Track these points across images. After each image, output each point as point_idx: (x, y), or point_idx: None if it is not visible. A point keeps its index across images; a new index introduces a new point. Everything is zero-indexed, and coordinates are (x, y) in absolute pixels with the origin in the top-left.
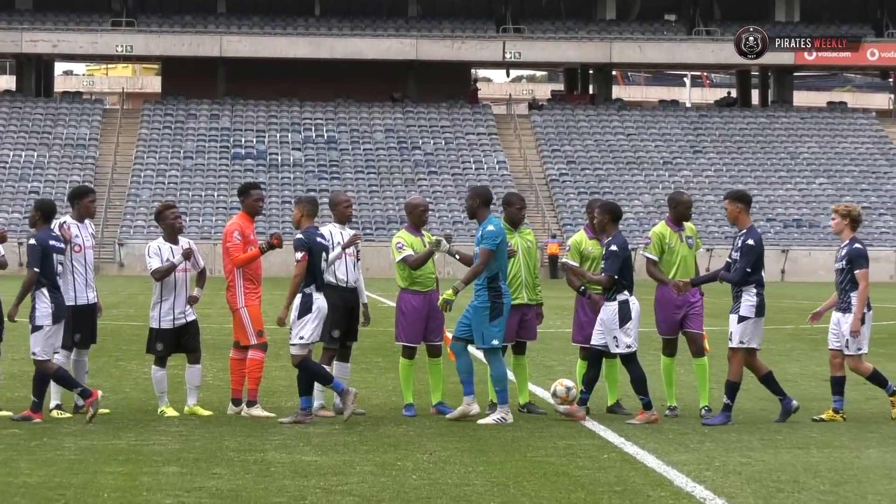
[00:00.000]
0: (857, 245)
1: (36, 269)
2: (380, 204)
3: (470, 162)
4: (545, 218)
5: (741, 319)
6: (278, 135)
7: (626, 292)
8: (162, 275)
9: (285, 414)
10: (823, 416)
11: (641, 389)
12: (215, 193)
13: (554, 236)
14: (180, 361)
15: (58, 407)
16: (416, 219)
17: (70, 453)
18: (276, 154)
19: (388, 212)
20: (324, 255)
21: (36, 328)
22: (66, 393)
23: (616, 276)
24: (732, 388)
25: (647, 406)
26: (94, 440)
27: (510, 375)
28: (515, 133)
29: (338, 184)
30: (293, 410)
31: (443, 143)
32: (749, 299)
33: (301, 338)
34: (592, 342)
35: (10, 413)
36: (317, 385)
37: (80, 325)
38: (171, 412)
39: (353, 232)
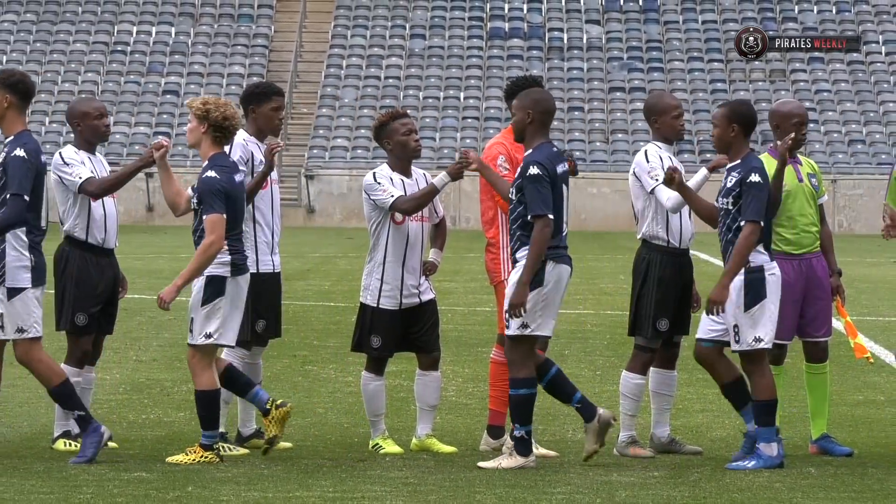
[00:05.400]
0: None
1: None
2: None
3: None
4: None
5: None
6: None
7: None
8: (416, 205)
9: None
10: None
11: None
12: (461, 95)
13: None
14: (405, 365)
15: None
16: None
17: None
18: (560, 30)
19: None
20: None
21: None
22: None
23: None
24: None
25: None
26: (266, 490)
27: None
28: None
29: (659, 78)
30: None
31: None
32: None
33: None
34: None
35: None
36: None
37: (262, 305)
38: (390, 447)
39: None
